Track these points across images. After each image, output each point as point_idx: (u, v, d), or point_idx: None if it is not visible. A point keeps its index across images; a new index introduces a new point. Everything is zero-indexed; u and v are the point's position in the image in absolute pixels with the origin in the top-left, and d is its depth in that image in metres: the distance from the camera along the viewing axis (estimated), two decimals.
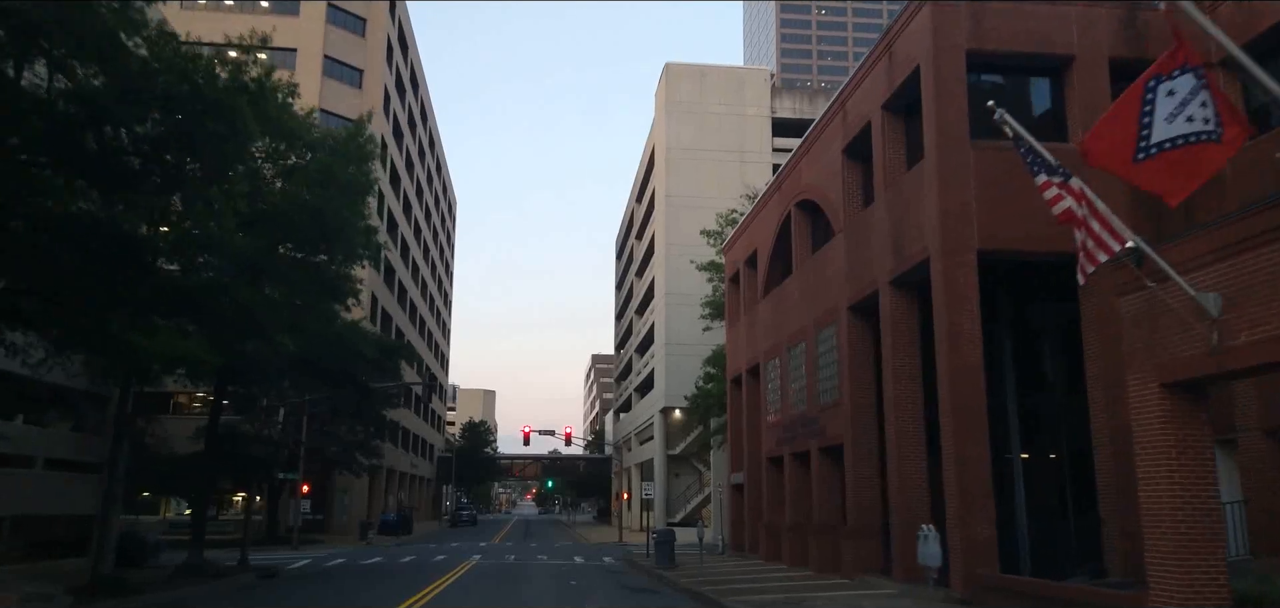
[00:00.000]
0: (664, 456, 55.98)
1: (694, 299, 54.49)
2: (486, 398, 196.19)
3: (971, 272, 18.47)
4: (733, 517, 36.32)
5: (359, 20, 63.82)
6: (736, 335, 36.04)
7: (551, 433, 53.64)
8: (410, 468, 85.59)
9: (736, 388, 36.38)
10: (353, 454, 54.80)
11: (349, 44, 62.46)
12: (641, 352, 68.17)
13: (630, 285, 73.68)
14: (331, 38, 60.43)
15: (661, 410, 56.01)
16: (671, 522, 55.38)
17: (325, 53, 60.26)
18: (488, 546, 48.94)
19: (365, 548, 48.51)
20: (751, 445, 33.73)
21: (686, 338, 54.12)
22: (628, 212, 77.56)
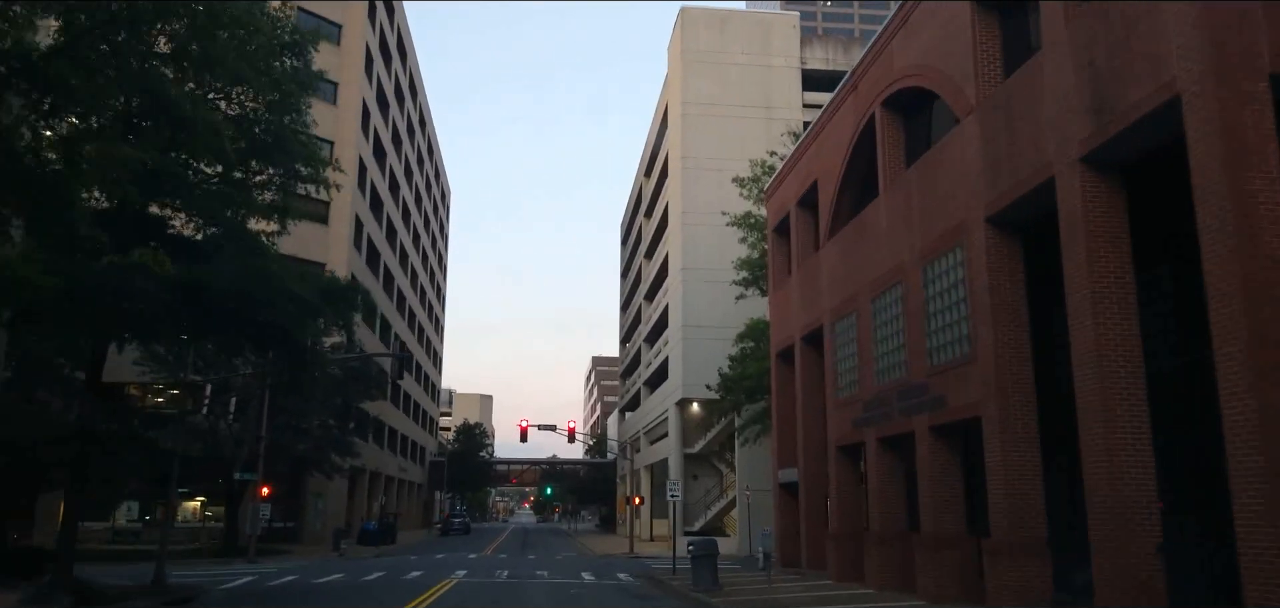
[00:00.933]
0: (680, 454, 48.24)
1: (716, 273, 46.84)
2: (484, 403, 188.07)
3: (1264, 109, 10.88)
4: (782, 523, 28.62)
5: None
6: (785, 298, 28.44)
7: (552, 428, 45.92)
8: (398, 472, 77.70)
9: (784, 364, 28.74)
10: (326, 453, 47.02)
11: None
12: (652, 341, 60.42)
13: (638, 269, 65.99)
14: None
15: (677, 403, 48.26)
16: (690, 531, 47.52)
17: None
18: (477, 558, 41.17)
19: (335, 560, 40.78)
20: (810, 434, 26.06)
21: (707, 318, 46.46)
22: (634, 189, 69.98)
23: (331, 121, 55.98)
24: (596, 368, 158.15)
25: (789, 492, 28.40)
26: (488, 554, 44.76)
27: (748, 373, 34.73)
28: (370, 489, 69.23)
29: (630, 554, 43.86)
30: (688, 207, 47.59)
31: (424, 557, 41.89)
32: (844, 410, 23.12)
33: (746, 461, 44.54)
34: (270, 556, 42.68)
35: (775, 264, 29.75)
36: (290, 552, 45.35)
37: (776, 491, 28.79)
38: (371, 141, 62.30)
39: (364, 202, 60.06)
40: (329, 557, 42.43)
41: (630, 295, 72.85)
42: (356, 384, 47.50)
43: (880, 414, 20.62)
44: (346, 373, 46.91)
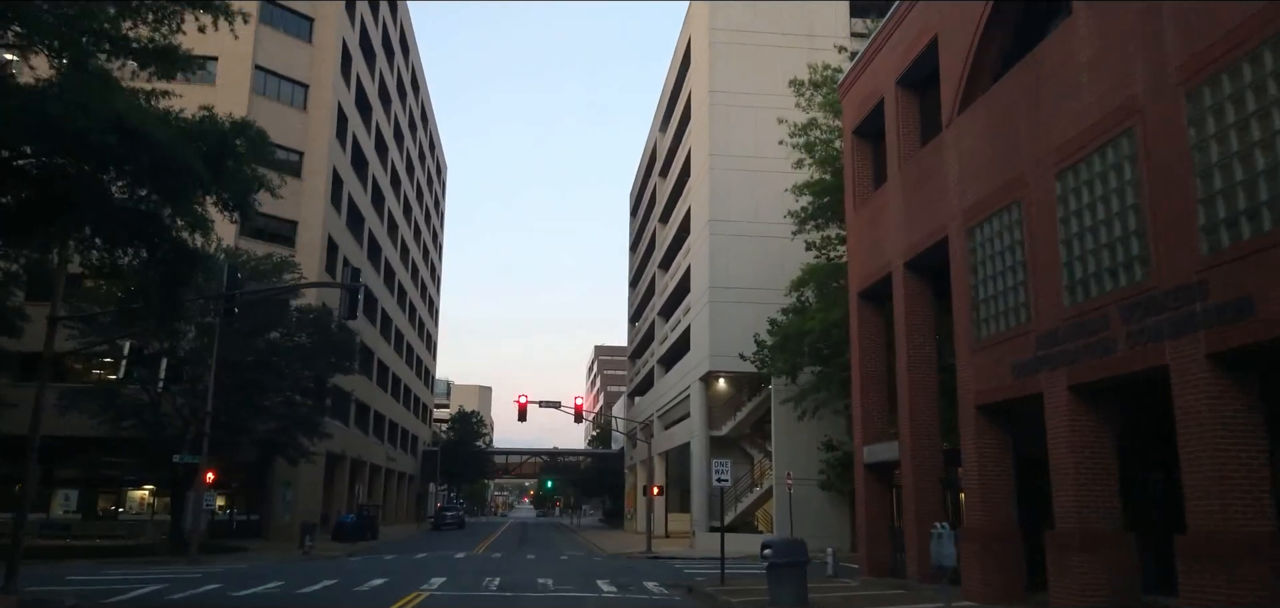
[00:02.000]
0: (705, 438, 40.49)
1: (749, 227, 39.14)
2: (482, 394, 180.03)
3: None
4: (869, 516, 20.86)
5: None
6: (872, 218, 20.76)
7: (556, 405, 38.23)
8: (386, 461, 69.89)
9: (870, 306, 21.06)
10: (293, 435, 39.29)
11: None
12: (667, 313, 52.64)
13: (651, 235, 58.22)
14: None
15: (702, 378, 40.51)
16: (715, 526, 39.82)
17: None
18: (466, 558, 33.49)
19: (296, 560, 33.14)
20: (919, 394, 18.32)
21: (737, 277, 38.77)
22: (647, 148, 62.27)
23: (305, 62, 48.30)
24: (599, 357, 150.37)
25: (878, 475, 20.70)
26: (478, 553, 36.99)
27: (808, 326, 26.98)
28: (353, 479, 61.47)
29: (647, 554, 36.21)
30: (716, 149, 39.83)
31: (402, 557, 34.11)
32: (992, 353, 15.40)
33: (787, 444, 36.87)
34: (223, 554, 35.04)
35: (856, 176, 21.97)
36: (247, 550, 37.62)
37: (860, 474, 21.03)
38: (354, 90, 54.53)
39: (343, 155, 52.27)
40: (290, 556, 34.75)
41: (641, 268, 65.09)
42: (327, 355, 39.73)
43: (1080, 348, 12.91)
44: (315, 342, 39.17)
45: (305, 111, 48.44)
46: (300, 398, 39.89)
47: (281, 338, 38.90)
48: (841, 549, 35.99)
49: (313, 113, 48.52)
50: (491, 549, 40.13)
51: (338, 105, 50.50)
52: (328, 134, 48.57)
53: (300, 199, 47.41)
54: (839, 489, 35.89)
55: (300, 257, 46.70)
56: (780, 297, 36.79)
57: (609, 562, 31.89)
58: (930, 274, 18.42)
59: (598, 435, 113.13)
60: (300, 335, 39.18)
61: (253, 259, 37.68)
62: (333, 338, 39.39)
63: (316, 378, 40.10)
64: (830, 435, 36.09)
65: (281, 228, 46.69)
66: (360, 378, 58.97)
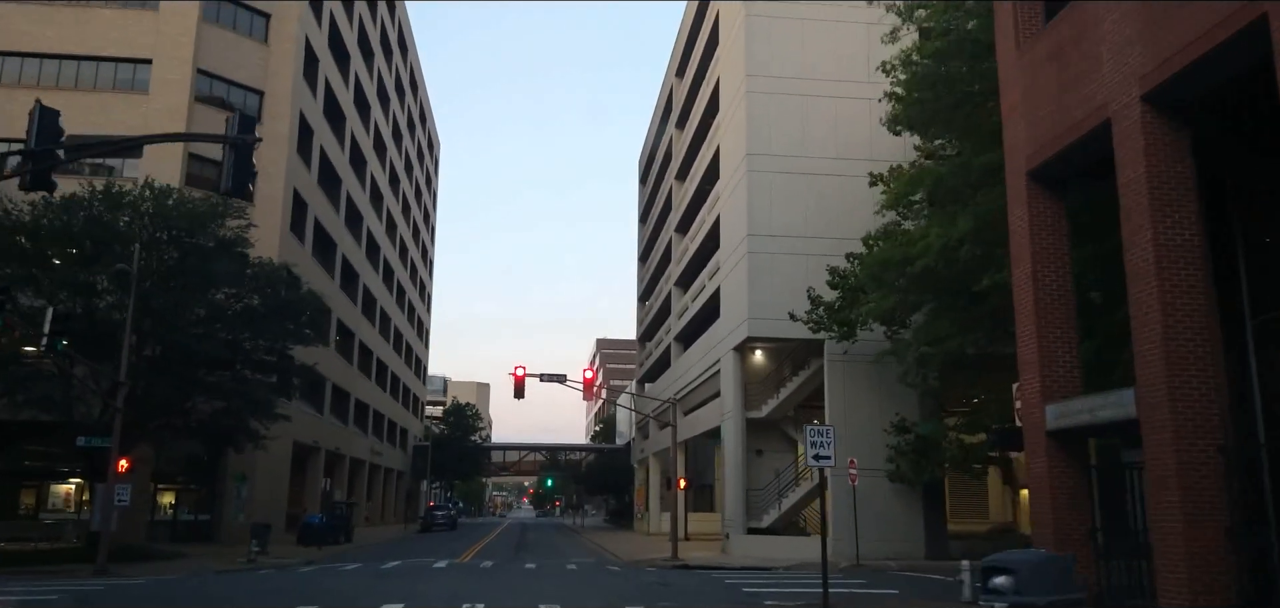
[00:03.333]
0: (740, 420, 32.91)
1: (797, 161, 31.71)
2: (480, 391, 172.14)
3: None
4: (1057, 516, 13.23)
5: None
6: (1058, 52, 13.22)
7: (560, 380, 30.69)
8: (371, 455, 62.34)
9: (1046, 196, 13.54)
10: (242, 418, 31.77)
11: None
12: (686, 283, 45.10)
13: (667, 196, 50.67)
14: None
15: (738, 348, 32.98)
16: (755, 527, 32.32)
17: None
18: (449, 567, 26.03)
19: (236, 570, 25.78)
20: (1177, 314, 10.82)
21: (781, 223, 31.31)
22: (660, 103, 54.69)
23: None
24: (602, 351, 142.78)
25: (1069, 451, 13.13)
26: (465, 561, 29.49)
27: (917, 250, 19.15)
28: (330, 474, 53.89)
29: (674, 561, 28.84)
30: (754, 69, 32.31)
31: (367, 567, 26.61)
32: None
33: (844, 426, 29.34)
34: (153, 562, 27.99)
35: (1018, 7, 14.42)
36: (184, 556, 30.28)
37: (1038, 449, 13.40)
38: (326, 28, 47.08)
39: (314, 101, 44.79)
40: (231, 565, 27.35)
41: (652, 239, 57.54)
42: (282, 319, 32.16)
43: None
44: (269, 303, 31.60)
45: (266, 45, 40.99)
46: (252, 373, 32.39)
47: (228, 300, 31.39)
48: (913, 557, 28.55)
49: (274, 46, 41.09)
50: (482, 556, 32.63)
51: (305, 41, 43.04)
52: (292, 71, 41.10)
53: (259, 145, 39.83)
54: (911, 481, 28.44)
55: (259, 214, 39.16)
56: (836, 245, 29.42)
57: (631, 574, 24.42)
58: (1194, 111, 10.95)
59: (601, 431, 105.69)
60: (252, 297, 31.64)
61: (188, 201, 30.22)
62: (287, 299, 31.81)
63: (271, 348, 32.51)
64: (900, 413, 28.68)
65: None
66: (338, 360, 51.47)
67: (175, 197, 30.11)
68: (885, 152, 30.32)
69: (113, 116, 37.44)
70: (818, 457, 13.55)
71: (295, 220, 42.08)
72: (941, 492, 29.97)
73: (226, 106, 39.62)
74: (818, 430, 13.72)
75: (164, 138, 20.97)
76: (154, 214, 29.47)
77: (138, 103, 37.58)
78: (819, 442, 13.58)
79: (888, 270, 20.15)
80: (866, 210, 30.57)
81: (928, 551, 29.00)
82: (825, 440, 13.58)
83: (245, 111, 40.44)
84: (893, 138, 30.97)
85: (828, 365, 30.06)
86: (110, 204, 28.98)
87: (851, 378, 30.00)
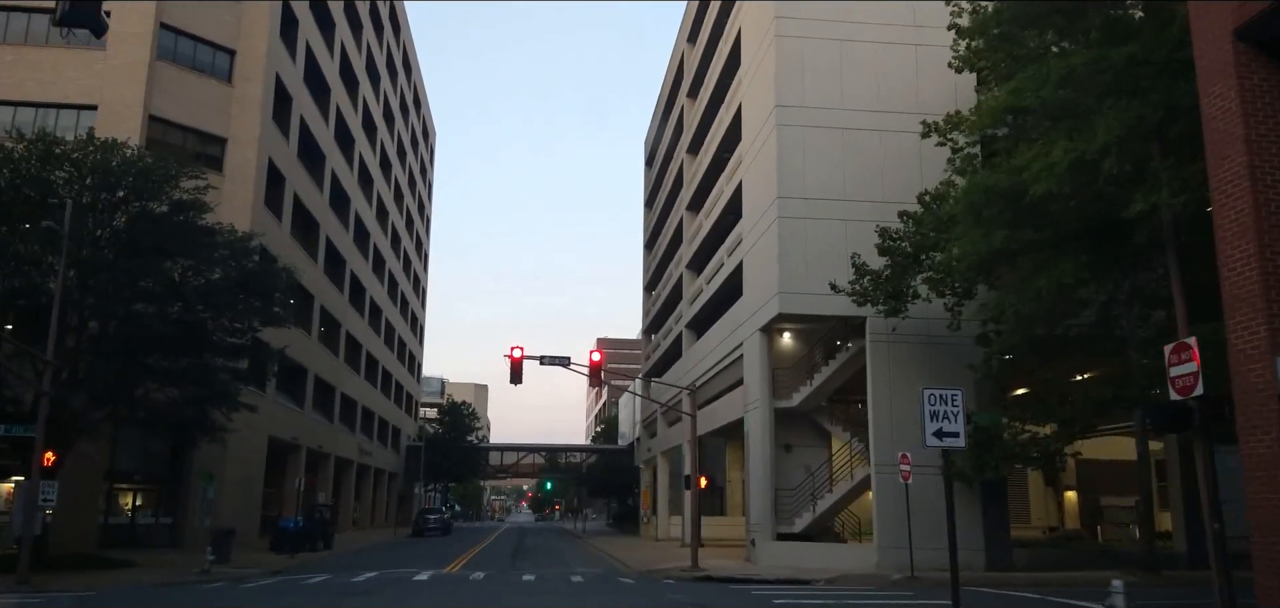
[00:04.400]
0: (768, 411, 28.73)
1: (834, 114, 27.65)
2: (478, 393, 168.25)
3: None
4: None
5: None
6: None
7: (563, 363, 26.59)
8: (359, 455, 58.13)
9: (1267, 65, 9.54)
10: (202, 408, 27.62)
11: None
12: (699, 264, 41.02)
13: (677, 174, 46.58)
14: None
15: (764, 329, 28.86)
16: (786, 533, 28.16)
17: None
18: (432, 580, 21.89)
19: (188, 581, 21.75)
20: None
21: (816, 184, 27.20)
22: (669, 73, 50.55)
23: None
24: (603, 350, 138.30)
25: None
26: (453, 572, 25.33)
27: (1044, 170, 14.31)
28: (314, 474, 49.72)
29: (694, 571, 24.80)
30: (784, 10, 28.24)
31: (336, 579, 22.49)
32: None
33: (887, 417, 25.36)
34: (95, 571, 24.17)
35: None
36: (135, 565, 26.13)
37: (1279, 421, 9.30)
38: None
39: (292, 65, 40.73)
40: (183, 576, 23.27)
41: (659, 224, 53.45)
42: (249, 295, 28.04)
43: None
44: (232, 276, 27.43)
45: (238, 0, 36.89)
46: (217, 358, 28.25)
47: (186, 274, 27.24)
48: (972, 567, 24.40)
49: (247, 1, 37.00)
50: (474, 565, 28.50)
51: None
52: (267, 30, 37.04)
53: (229, 108, 35.82)
54: (969, 479, 24.32)
55: (229, 182, 35.17)
56: (876, 209, 25.44)
57: (648, 589, 20.33)
58: None
59: (602, 431, 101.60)
60: (213, 270, 27.48)
61: (137, 158, 26.14)
62: (252, 271, 27.69)
63: (235, 328, 28.36)
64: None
65: (204, 145, 35.10)
66: (323, 350, 47.36)
67: (122, 154, 26.03)
68: (934, 101, 26.31)
69: (65, 75, 33.49)
70: (941, 434, 9.55)
71: (271, 194, 38.00)
72: (1002, 492, 25.87)
73: (192, 66, 35.65)
74: (939, 396, 9.69)
75: None
76: (97, 171, 25.43)
77: (93, 59, 33.54)
78: (942, 413, 9.51)
79: (991, 202, 15.83)
80: (912, 169, 26.64)
81: (988, 560, 24.91)
82: (951, 411, 9.51)
83: (215, 71, 36.55)
84: (941, 88, 27.12)
85: (870, 346, 25.98)
86: (43, 159, 24.90)
87: (897, 361, 25.94)
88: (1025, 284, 15.95)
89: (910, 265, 23.00)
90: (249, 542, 36.16)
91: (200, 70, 35.69)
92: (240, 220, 32.12)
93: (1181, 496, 25.98)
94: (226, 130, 35.72)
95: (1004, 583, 21.71)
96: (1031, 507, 39.64)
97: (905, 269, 23.03)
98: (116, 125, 30.45)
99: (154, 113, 33.67)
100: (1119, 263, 15.58)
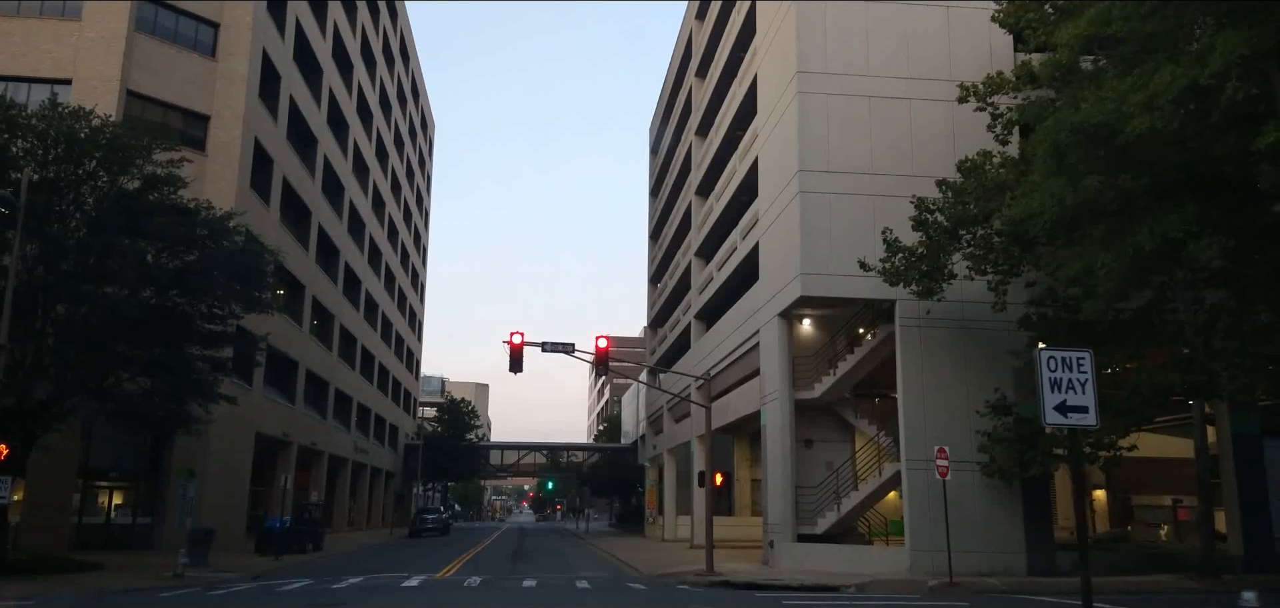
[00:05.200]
0: (788, 402, 26.59)
1: (860, 80, 25.55)
2: (479, 392, 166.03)
3: None
4: None
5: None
6: None
7: (567, 350, 24.48)
8: (354, 453, 56.02)
9: None
10: (180, 399, 25.53)
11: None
12: (708, 251, 38.92)
13: (684, 157, 44.45)
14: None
15: (784, 314, 26.72)
16: (808, 534, 26.00)
17: (129, 86, 31.60)
18: (422, 586, 19.75)
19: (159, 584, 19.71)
20: None
21: (841, 157, 25.04)
22: (675, 56, 48.36)
23: None
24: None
25: None
26: (448, 576, 23.20)
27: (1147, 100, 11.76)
28: (308, 472, 47.62)
29: (710, 575, 22.75)
30: None
31: (316, 585, 20.42)
32: None
33: (919, 407, 23.29)
34: (49, 577, 21.93)
35: None
36: (103, 568, 24.10)
37: None
38: None
39: (280, 42, 38.63)
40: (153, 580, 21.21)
41: (665, 213, 51.33)
42: (227, 278, 25.92)
43: None
44: (209, 258, 25.27)
45: None
46: (197, 347, 26.16)
47: (160, 256, 25.13)
48: (1014, 572, 22.29)
49: None
50: (471, 568, 26.38)
51: None
52: (251, 2, 34.88)
53: (213, 84, 33.72)
54: (1009, 476, 22.25)
55: (212, 162, 33.10)
56: (905, 183, 23.37)
57: (663, 597, 18.19)
58: None
59: (605, 430, 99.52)
60: (189, 251, 25.35)
61: (107, 128, 24.07)
62: (230, 251, 25.58)
63: (213, 314, 26.27)
64: (1000, 388, 22.50)
65: (185, 123, 33.02)
66: (315, 344, 45.31)
67: (88, 123, 23.96)
68: (967, 65, 24.26)
69: (37, 46, 31.49)
70: (1066, 409, 7.39)
71: (258, 177, 35.91)
72: (1045, 491, 23.75)
73: (173, 40, 33.55)
74: (1061, 359, 7.51)
75: None
76: (62, 141, 23.38)
77: (67, 31, 31.51)
78: (1065, 380, 7.34)
79: (1076, 144, 13.44)
80: (943, 139, 24.58)
81: (1030, 564, 22.77)
82: (1077, 379, 7.36)
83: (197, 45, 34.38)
84: (975, 51, 25.17)
85: (901, 332, 23.86)
86: (3, 124, 22.85)
87: (930, 347, 23.85)
88: (1118, 242, 13.70)
89: (948, 241, 20.88)
90: (235, 543, 34.09)
91: (182, 44, 33.62)
92: (223, 202, 30.04)
93: (1238, 494, 23.81)
94: (209, 107, 33.65)
95: (1053, 589, 19.58)
96: (1058, 507, 37.48)
97: (942, 245, 20.92)
98: (92, 101, 28.35)
99: (132, 88, 31.63)
100: (1233, 215, 13.28)
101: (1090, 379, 7.73)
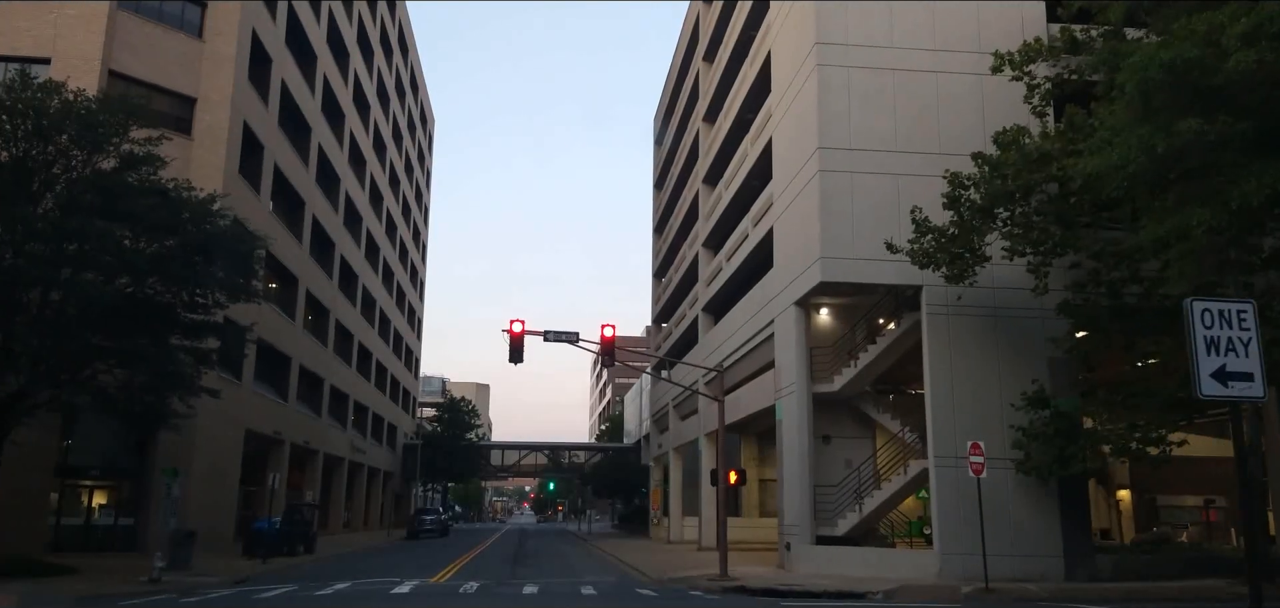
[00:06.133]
0: (805, 396, 24.93)
1: (883, 52, 23.89)
2: (480, 392, 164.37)
3: None
4: None
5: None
6: None
7: (572, 339, 22.86)
8: (351, 453, 54.37)
9: None
10: (160, 393, 23.91)
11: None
12: (717, 241, 37.29)
13: (691, 145, 42.85)
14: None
15: (801, 302, 25.09)
16: (827, 536, 24.33)
17: (111, 65, 29.89)
18: (412, 593, 18.09)
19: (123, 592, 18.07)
20: None
21: (863, 134, 23.40)
22: (681, 38, 46.76)
23: None
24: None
25: None
26: (442, 581, 21.52)
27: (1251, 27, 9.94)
28: (302, 472, 46.00)
29: (724, 580, 21.09)
30: None
31: (296, 593, 18.78)
32: None
33: (947, 401, 21.65)
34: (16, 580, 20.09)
35: None
36: (76, 572, 22.49)
37: None
38: None
39: (272, 24, 36.95)
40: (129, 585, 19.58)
41: (671, 205, 49.70)
42: (208, 264, 24.29)
43: None
44: (188, 242, 23.62)
45: None
46: (178, 337, 24.53)
47: (137, 240, 23.47)
48: (1051, 577, 20.63)
49: None
50: (468, 572, 24.72)
51: None
52: None
53: (199, 65, 32.11)
54: (1045, 474, 20.59)
55: (198, 146, 31.48)
56: (931, 162, 21.75)
57: (678, 604, 16.50)
58: None
59: (607, 429, 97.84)
60: (170, 237, 23.71)
61: (81, 104, 22.46)
62: (211, 234, 23.93)
63: (194, 303, 24.63)
64: (1037, 378, 20.89)
65: (171, 105, 31.40)
66: (309, 339, 43.70)
67: (60, 100, 22.36)
68: (997, 34, 22.62)
69: (14, 23, 29.86)
70: (1225, 375, 5.76)
71: (248, 163, 34.31)
72: (1083, 491, 22.11)
73: (158, 19, 31.95)
74: (1218, 312, 5.85)
75: None
76: (31, 116, 21.80)
77: (47, 8, 29.89)
78: (1224, 340, 5.73)
79: (1165, 85, 11.55)
80: (972, 115, 22.96)
81: (1067, 569, 21.10)
82: (1238, 337, 5.75)
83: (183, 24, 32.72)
84: (1006, 20, 23.50)
85: (928, 320, 22.21)
86: None
87: (959, 337, 22.21)
88: (1216, 198, 11.94)
89: (982, 220, 19.25)
90: (222, 545, 32.50)
91: (167, 23, 32.01)
92: (210, 187, 28.39)
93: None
94: (196, 89, 32.04)
95: (1099, 596, 17.91)
96: None
97: (975, 226, 19.29)
98: (72, 81, 26.76)
99: (114, 68, 30.03)
100: None
101: (1254, 338, 6.08)
